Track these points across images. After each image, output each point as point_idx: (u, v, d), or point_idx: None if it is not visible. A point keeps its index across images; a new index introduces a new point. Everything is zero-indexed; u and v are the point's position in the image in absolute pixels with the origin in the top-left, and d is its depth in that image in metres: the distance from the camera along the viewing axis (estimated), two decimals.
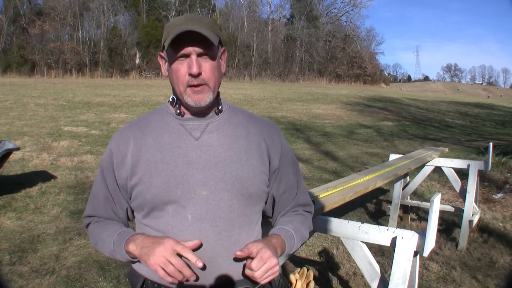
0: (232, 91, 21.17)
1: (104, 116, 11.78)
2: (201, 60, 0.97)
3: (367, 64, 45.79)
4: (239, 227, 1.03)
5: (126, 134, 1.06)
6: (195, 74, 0.96)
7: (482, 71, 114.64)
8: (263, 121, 1.14)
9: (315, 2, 48.96)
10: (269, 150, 1.08)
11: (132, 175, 1.02)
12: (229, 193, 1.00)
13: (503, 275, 3.29)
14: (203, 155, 1.01)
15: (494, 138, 12.41)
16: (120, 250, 0.99)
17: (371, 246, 1.93)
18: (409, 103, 24.74)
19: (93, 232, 1.10)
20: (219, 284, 1.00)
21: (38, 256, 3.35)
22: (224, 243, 1.00)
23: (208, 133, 1.04)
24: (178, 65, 0.98)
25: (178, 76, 0.98)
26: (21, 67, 30.07)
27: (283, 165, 1.11)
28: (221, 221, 1.00)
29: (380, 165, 3.99)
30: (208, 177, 0.99)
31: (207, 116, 1.05)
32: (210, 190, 0.99)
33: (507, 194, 5.41)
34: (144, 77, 32.32)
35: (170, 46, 0.96)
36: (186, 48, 0.95)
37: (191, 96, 0.99)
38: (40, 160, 6.75)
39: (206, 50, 0.97)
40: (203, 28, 0.94)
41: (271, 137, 1.10)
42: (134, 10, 38.78)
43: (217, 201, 0.99)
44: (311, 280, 1.61)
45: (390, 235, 1.72)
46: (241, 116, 1.11)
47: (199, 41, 0.94)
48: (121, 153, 1.04)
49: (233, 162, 1.02)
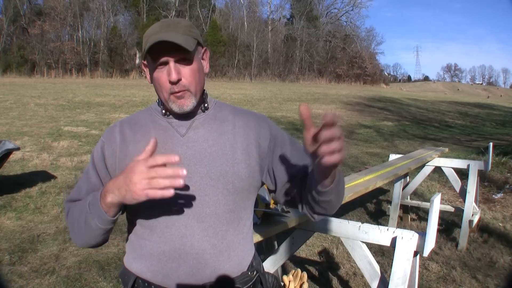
0: (232, 91, 21.17)
1: (104, 116, 11.78)
2: (180, 66, 0.97)
3: (367, 64, 45.82)
4: (226, 223, 1.02)
5: (117, 128, 1.07)
6: (174, 81, 0.96)
7: (482, 71, 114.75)
8: (249, 112, 1.13)
9: (315, 2, 49.00)
10: (258, 139, 1.06)
11: (120, 169, 1.02)
12: (214, 188, 1.00)
13: (503, 275, 3.28)
14: (188, 151, 1.01)
15: (494, 138, 12.40)
16: (96, 208, 0.93)
17: (371, 246, 1.93)
18: (409, 103, 24.75)
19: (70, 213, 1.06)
20: (208, 283, 1.00)
21: (38, 256, 3.35)
22: (210, 239, 1.00)
23: (194, 129, 1.04)
24: (158, 73, 0.98)
25: (160, 84, 0.99)
26: (21, 67, 30.08)
27: (277, 147, 1.07)
28: (207, 217, 1.00)
29: (380, 165, 4.00)
30: (193, 173, 0.99)
31: (194, 114, 1.06)
32: (195, 185, 0.99)
33: (507, 194, 5.41)
34: (144, 77, 32.20)
35: (149, 56, 0.97)
36: (163, 57, 0.96)
37: (175, 102, 0.99)
38: (40, 160, 6.75)
39: (183, 55, 0.96)
40: (178, 35, 0.94)
41: (258, 126, 1.08)
42: (134, 10, 38.81)
43: (202, 197, 0.99)
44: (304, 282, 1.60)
45: (390, 235, 1.72)
46: (227, 111, 1.10)
47: (175, 48, 0.94)
48: (111, 146, 1.05)
49: (218, 157, 1.01)
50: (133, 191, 0.85)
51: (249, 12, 44.51)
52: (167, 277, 1.00)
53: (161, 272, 1.01)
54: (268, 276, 1.16)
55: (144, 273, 1.03)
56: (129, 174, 0.86)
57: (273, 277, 1.19)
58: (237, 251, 1.05)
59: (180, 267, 0.99)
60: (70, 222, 1.05)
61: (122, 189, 0.88)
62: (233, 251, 1.04)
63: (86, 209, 0.96)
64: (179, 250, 0.99)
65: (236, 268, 1.05)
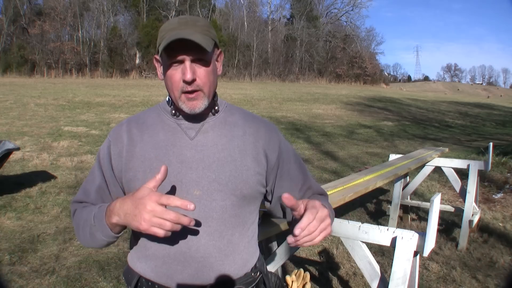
0: (232, 91, 21.17)
1: (104, 116, 11.78)
2: (195, 65, 0.96)
3: (367, 64, 45.83)
4: (231, 228, 1.02)
5: (124, 128, 1.06)
6: (189, 81, 0.94)
7: (482, 71, 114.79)
8: (260, 120, 1.12)
9: (315, 2, 49.02)
10: (266, 150, 1.06)
11: (126, 170, 1.01)
12: (222, 193, 0.99)
13: (503, 275, 3.28)
14: (197, 155, 1.00)
15: (494, 138, 12.40)
16: (101, 223, 0.94)
17: (371, 246, 1.92)
18: (409, 103, 24.75)
19: (76, 215, 1.06)
20: (211, 285, 1.00)
21: (38, 256, 3.35)
22: (216, 243, 1.00)
23: (203, 133, 1.03)
24: (172, 71, 0.96)
25: (172, 82, 0.97)
26: (21, 67, 30.08)
27: (283, 162, 1.09)
28: (213, 221, 0.99)
29: (380, 165, 3.99)
30: (202, 177, 0.99)
31: (204, 116, 1.05)
32: (203, 190, 0.98)
33: (507, 194, 5.41)
34: (144, 77, 32.33)
35: (164, 52, 0.95)
36: (180, 55, 0.94)
37: (185, 103, 0.98)
38: (40, 160, 6.75)
39: (200, 55, 0.95)
40: (196, 34, 0.92)
41: (268, 136, 1.08)
42: (134, 10, 38.79)
43: (209, 201, 0.99)
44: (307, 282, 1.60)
45: (390, 235, 1.72)
46: (238, 116, 1.09)
47: (193, 47, 0.92)
48: (118, 146, 1.03)
49: (227, 162, 1.01)
50: (139, 223, 0.85)
51: (249, 12, 44.54)
52: (171, 279, 1.00)
53: (165, 273, 1.00)
54: (271, 276, 1.16)
55: (148, 273, 1.02)
56: (139, 205, 0.85)
57: (276, 276, 1.19)
58: (242, 254, 1.05)
59: (185, 270, 0.99)
60: (76, 224, 1.05)
61: (128, 217, 0.87)
62: (238, 255, 1.04)
63: (91, 221, 0.96)
64: (185, 253, 0.99)
65: (240, 271, 1.05)
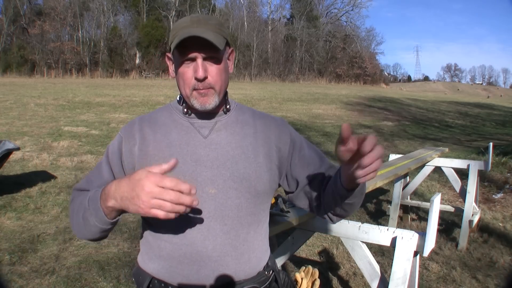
0: (232, 91, 21.16)
1: (104, 116, 11.77)
2: (207, 63, 0.96)
3: (367, 64, 45.82)
4: (247, 226, 1.02)
5: (136, 126, 1.05)
6: (201, 78, 0.95)
7: (482, 71, 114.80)
8: (269, 117, 1.13)
9: (315, 2, 49.02)
10: (278, 144, 1.07)
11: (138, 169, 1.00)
12: (237, 191, 1.00)
13: (503, 275, 3.28)
14: (211, 153, 1.00)
15: (494, 138, 12.40)
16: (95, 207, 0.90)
17: (371, 246, 1.93)
18: (409, 103, 24.74)
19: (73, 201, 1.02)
20: (227, 283, 1.00)
21: (38, 256, 3.35)
22: (232, 242, 1.00)
23: (217, 131, 1.03)
24: (184, 68, 0.97)
25: (184, 79, 0.97)
26: (21, 67, 30.09)
27: (297, 149, 1.08)
28: (229, 219, 0.99)
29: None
30: (217, 176, 0.99)
31: (215, 114, 1.05)
32: (218, 188, 0.98)
33: (507, 194, 5.41)
34: (144, 77, 32.33)
35: (176, 50, 0.95)
36: (192, 52, 0.94)
37: (197, 98, 0.98)
38: (40, 160, 6.75)
39: (212, 53, 0.95)
40: (209, 32, 0.93)
41: (278, 131, 1.09)
42: (134, 10, 38.80)
43: (225, 200, 0.99)
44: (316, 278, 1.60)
45: (390, 235, 1.72)
46: (248, 114, 1.10)
47: (205, 45, 0.93)
48: (130, 143, 1.03)
49: (241, 160, 1.01)
50: (138, 206, 0.82)
51: (249, 12, 44.54)
52: (187, 279, 0.99)
53: (180, 273, 0.99)
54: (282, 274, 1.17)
55: (161, 274, 1.01)
56: (136, 187, 0.81)
57: (285, 274, 1.19)
58: (256, 252, 1.05)
59: (201, 269, 0.99)
60: (71, 209, 1.02)
61: (125, 200, 0.84)
62: (252, 253, 1.04)
63: (85, 204, 0.93)
64: (201, 253, 0.98)
65: (254, 269, 1.05)
